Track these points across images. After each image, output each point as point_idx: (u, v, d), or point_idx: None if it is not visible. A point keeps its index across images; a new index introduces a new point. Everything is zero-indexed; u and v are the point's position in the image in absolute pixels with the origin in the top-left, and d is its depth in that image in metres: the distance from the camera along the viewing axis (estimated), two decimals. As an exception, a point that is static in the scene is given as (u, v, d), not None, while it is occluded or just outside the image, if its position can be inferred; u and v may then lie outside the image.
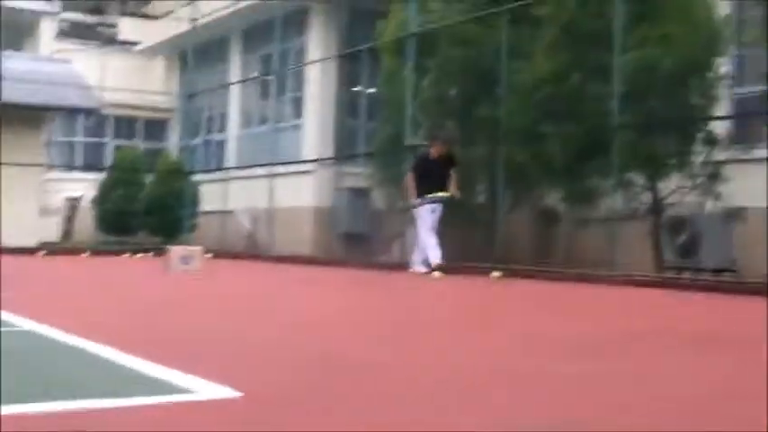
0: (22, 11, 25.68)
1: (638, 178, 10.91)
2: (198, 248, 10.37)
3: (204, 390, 2.66)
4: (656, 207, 10.80)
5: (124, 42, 25.75)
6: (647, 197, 10.90)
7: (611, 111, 9.70)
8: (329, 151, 17.50)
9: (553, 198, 12.64)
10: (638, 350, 4.01)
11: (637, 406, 2.59)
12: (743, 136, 11.24)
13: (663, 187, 10.83)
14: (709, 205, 10.76)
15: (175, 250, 10.08)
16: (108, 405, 2.43)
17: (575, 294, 7.92)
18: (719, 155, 10.62)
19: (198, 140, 22.56)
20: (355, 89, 19.04)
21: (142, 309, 5.80)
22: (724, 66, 11.22)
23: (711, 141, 10.61)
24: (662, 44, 9.95)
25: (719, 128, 11.08)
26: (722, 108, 11.13)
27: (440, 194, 10.59)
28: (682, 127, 10.60)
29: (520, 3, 10.88)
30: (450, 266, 10.19)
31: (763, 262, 9.15)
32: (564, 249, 12.97)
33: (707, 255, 10.48)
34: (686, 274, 9.93)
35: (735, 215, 10.34)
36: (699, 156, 10.70)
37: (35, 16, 26.24)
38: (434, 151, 10.72)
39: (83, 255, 13.99)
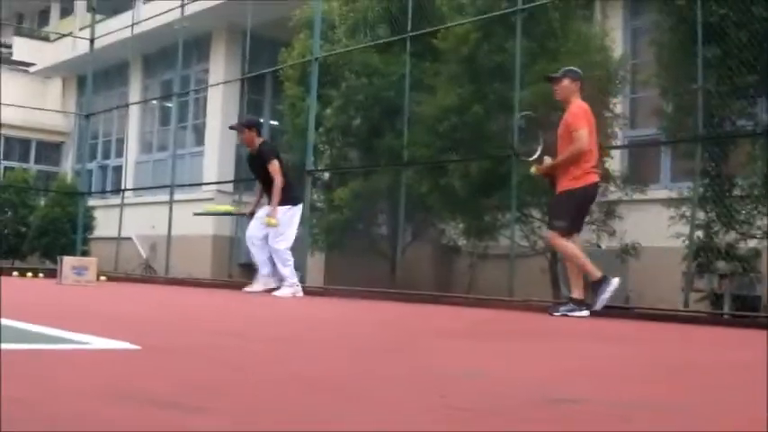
0: None
1: (537, 212, 11.13)
2: (93, 259, 10.09)
3: (102, 343, 3.02)
4: (553, 242, 11.02)
5: (19, 63, 25.16)
6: (544, 232, 11.12)
7: (510, 144, 9.90)
8: (229, 179, 17.38)
9: (454, 231, 12.80)
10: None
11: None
12: (636, 176, 11.60)
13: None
14: (605, 242, 11.05)
15: (68, 260, 9.79)
16: (18, 348, 2.79)
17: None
18: (614, 193, 10.93)
19: (94, 164, 22.09)
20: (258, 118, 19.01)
21: (38, 299, 6.06)
22: (618, 106, 11.62)
23: (606, 179, 10.91)
24: (559, 80, 10.21)
25: (615, 167, 11.44)
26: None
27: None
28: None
29: (420, 32, 11.04)
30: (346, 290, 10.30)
31: (654, 299, 9.44)
32: (464, 281, 13.12)
33: (601, 291, 10.73)
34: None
35: (628, 253, 10.63)
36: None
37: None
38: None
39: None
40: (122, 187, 18.06)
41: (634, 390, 2.55)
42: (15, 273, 12.91)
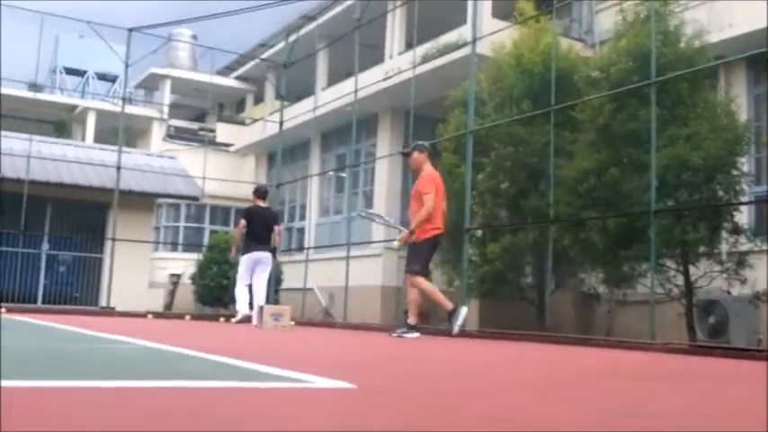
0: (137, 117, 26.66)
1: (671, 263, 10.67)
2: (288, 307, 10.46)
3: (323, 382, 2.94)
4: (688, 290, 10.52)
5: (221, 144, 26.45)
6: (679, 280, 10.63)
7: (646, 201, 9.56)
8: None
9: (594, 279, 12.42)
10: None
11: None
12: (765, 228, 11.00)
13: (693, 272, 10.57)
14: (736, 289, 10.46)
15: (267, 308, 10.13)
16: (244, 386, 2.74)
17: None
18: (745, 245, 10.36)
19: (282, 226, 22.77)
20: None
21: (251, 342, 6.21)
22: (745, 165, 11.06)
23: (736, 231, 10.37)
24: (689, 143, 9.84)
25: (743, 221, 10.86)
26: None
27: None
28: (710, 217, 10.37)
29: (561, 105, 10.89)
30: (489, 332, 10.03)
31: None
32: (603, 325, 12.68)
33: (735, 334, 10.15)
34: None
35: (760, 299, 10.04)
36: (726, 244, 10.46)
37: (148, 121, 27.19)
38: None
39: (185, 318, 14.21)
40: (306, 245, 18.55)
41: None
42: (221, 318, 13.39)
